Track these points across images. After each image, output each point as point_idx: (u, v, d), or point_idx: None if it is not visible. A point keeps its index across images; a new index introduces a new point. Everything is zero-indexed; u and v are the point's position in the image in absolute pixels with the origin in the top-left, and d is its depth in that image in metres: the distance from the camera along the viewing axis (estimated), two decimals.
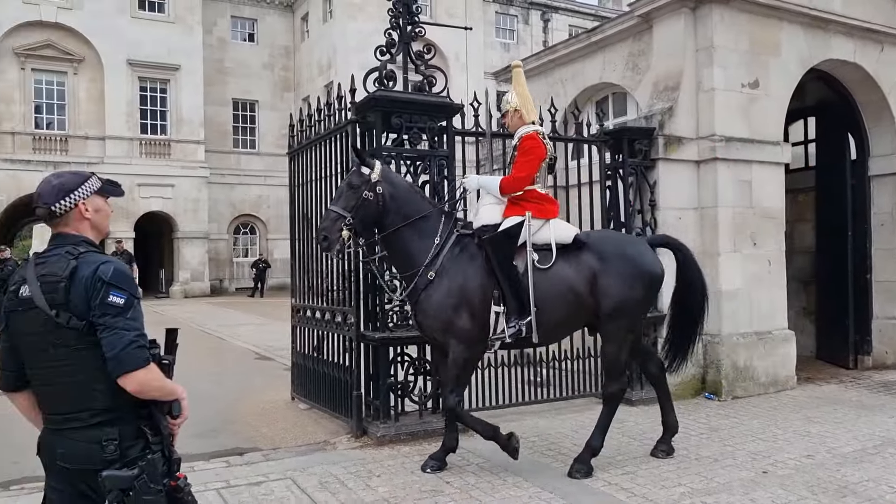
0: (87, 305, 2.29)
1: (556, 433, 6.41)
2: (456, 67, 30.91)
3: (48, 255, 2.40)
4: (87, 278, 2.30)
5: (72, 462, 2.32)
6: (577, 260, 5.30)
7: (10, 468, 5.67)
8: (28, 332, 2.35)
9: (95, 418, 2.32)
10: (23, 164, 27.27)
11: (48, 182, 2.45)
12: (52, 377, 2.34)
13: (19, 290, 2.36)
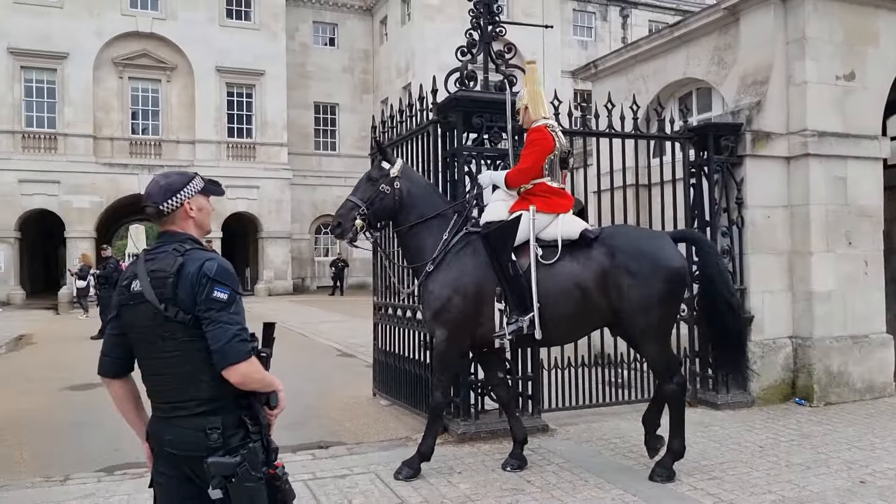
0: (193, 300, 2.39)
1: (637, 435, 6.28)
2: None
3: (157, 251, 2.52)
4: (192, 274, 2.40)
5: (179, 448, 2.43)
6: (585, 256, 5.13)
7: (113, 455, 6.03)
8: (139, 325, 2.48)
9: (200, 407, 2.42)
10: (120, 168, 28.82)
11: (156, 182, 2.57)
12: (160, 368, 2.46)
13: (131, 285, 2.49)
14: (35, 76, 28.19)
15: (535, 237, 5.12)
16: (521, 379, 6.52)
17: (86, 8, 28.39)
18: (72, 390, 9.13)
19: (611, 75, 9.87)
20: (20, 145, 27.76)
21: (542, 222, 5.19)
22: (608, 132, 7.24)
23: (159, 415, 2.52)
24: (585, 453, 5.79)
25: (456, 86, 6.51)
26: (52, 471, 5.56)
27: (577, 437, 6.25)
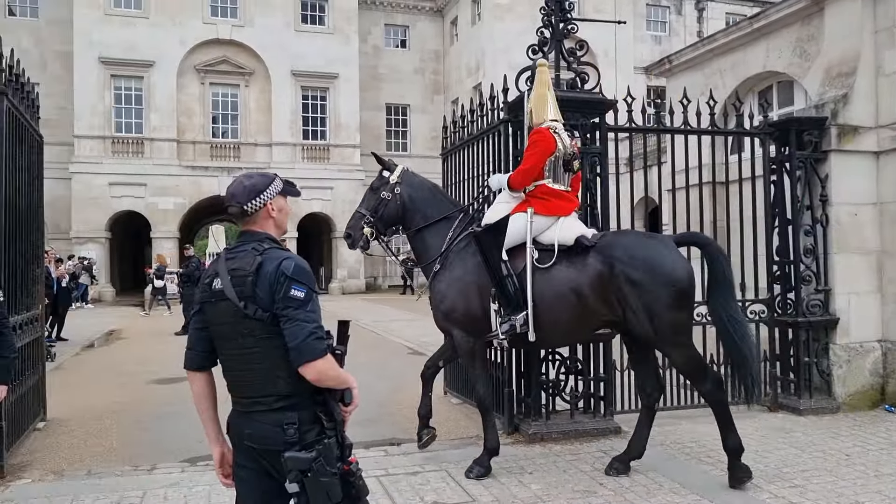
0: (271, 298, 2.44)
1: (713, 439, 6.10)
2: (605, 63, 30.19)
3: (237, 250, 2.59)
4: (271, 273, 2.46)
5: (258, 442, 2.49)
6: (582, 262, 5.09)
7: (197, 446, 6.26)
8: (220, 322, 2.55)
9: (278, 403, 2.48)
10: (202, 171, 29.95)
11: (240, 183, 2.63)
12: (240, 364, 2.53)
13: (213, 283, 2.56)
14: (123, 84, 29.60)
15: (532, 239, 5.12)
16: (592, 380, 6.45)
17: (170, 17, 29.62)
18: (158, 384, 9.55)
19: (686, 70, 9.63)
20: (110, 150, 29.21)
21: (541, 224, 5.19)
22: (683, 129, 7.07)
23: (239, 409, 2.58)
24: (660, 456, 5.68)
25: (527, 84, 6.48)
26: (140, 460, 5.84)
27: (652, 440, 6.08)
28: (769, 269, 7.20)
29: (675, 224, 7.26)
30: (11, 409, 5.69)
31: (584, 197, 6.47)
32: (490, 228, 5.28)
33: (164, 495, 4.87)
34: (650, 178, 7.34)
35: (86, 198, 28.37)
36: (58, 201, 27.77)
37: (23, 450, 6.08)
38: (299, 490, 2.38)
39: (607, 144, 6.65)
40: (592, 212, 6.51)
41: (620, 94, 6.83)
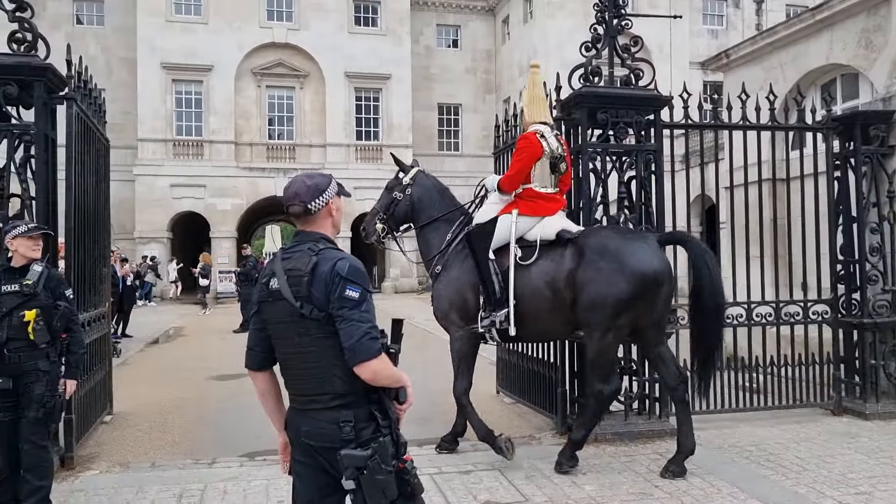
0: (326, 298, 2.47)
1: (774, 443, 5.98)
2: (659, 59, 29.66)
3: (293, 250, 2.62)
4: (326, 273, 2.49)
5: (315, 439, 2.53)
6: (560, 256, 5.29)
7: (255, 441, 6.43)
8: (277, 321, 2.58)
9: (334, 401, 2.51)
10: (259, 172, 30.60)
11: (302, 182, 2.64)
12: (297, 362, 2.57)
13: (270, 282, 2.59)
14: (184, 88, 30.47)
15: (516, 239, 5.36)
16: (647, 381, 6.36)
17: (227, 23, 30.35)
18: (217, 380, 9.80)
19: (744, 64, 9.38)
20: (171, 153, 30.11)
21: (525, 225, 5.42)
22: (741, 124, 6.91)
23: (297, 406, 2.62)
24: (717, 460, 5.56)
25: (580, 82, 6.44)
26: (201, 454, 6.01)
27: (709, 443, 6.01)
28: (832, 269, 6.97)
29: (732, 222, 7.08)
30: (80, 403, 5.93)
31: (639, 195, 6.40)
32: (480, 229, 5.51)
33: (224, 489, 5.00)
34: (707, 175, 7.19)
35: (149, 199, 29.33)
36: (123, 203, 28.75)
37: (91, 442, 6.33)
38: (355, 487, 2.42)
39: (662, 141, 6.54)
40: (647, 210, 6.42)
41: (676, 90, 6.70)
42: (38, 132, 5.43)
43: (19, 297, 4.23)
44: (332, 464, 2.50)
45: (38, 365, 4.22)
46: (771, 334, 6.97)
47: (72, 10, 30.88)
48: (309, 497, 2.62)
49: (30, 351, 4.21)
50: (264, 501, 4.75)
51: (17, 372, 4.18)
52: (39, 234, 4.45)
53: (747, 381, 6.84)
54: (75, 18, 31.00)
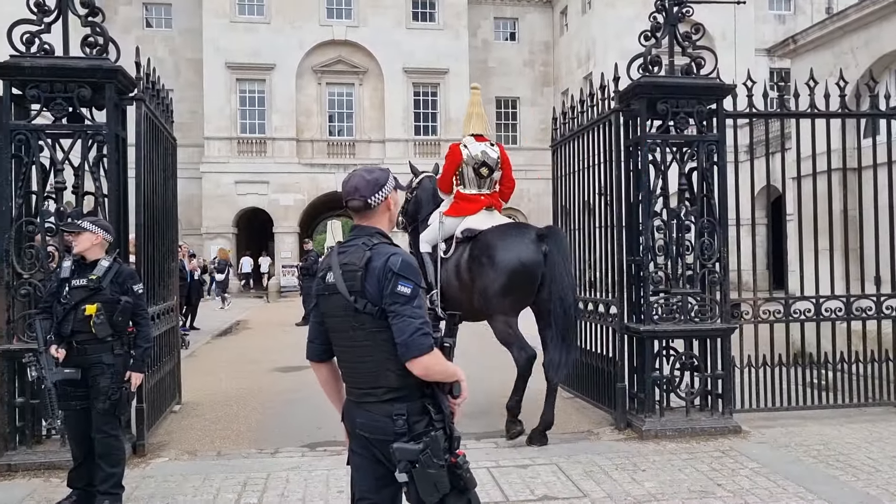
0: (380, 293, 2.50)
1: (844, 443, 5.77)
2: (722, 46, 28.82)
3: (349, 244, 2.65)
4: (379, 269, 2.51)
5: (369, 431, 2.57)
6: (462, 252, 6.32)
7: (316, 432, 6.57)
8: (333, 315, 2.63)
9: (388, 395, 2.54)
10: (319, 168, 31.12)
11: (362, 177, 2.66)
12: (352, 356, 2.61)
13: (326, 276, 2.63)
14: (248, 87, 31.18)
15: (449, 235, 6.49)
16: (709, 376, 6.22)
17: (289, 22, 30.92)
18: (280, 372, 10.04)
19: (813, 50, 9.03)
20: (236, 150, 30.89)
21: (451, 223, 6.54)
22: (809, 112, 6.67)
23: (352, 399, 2.66)
24: (783, 459, 5.41)
25: (639, 72, 6.32)
26: (265, 444, 6.18)
27: (774, 441, 5.84)
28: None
29: (800, 214, 6.83)
30: (151, 393, 6.17)
31: (701, 187, 6.26)
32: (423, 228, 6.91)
33: (287, 478, 5.13)
34: (773, 165, 6.96)
35: (214, 195, 30.20)
36: (191, 199, 29.71)
37: (161, 430, 6.58)
38: (408, 480, 2.44)
39: (724, 131, 6.36)
40: (709, 202, 6.27)
41: (740, 79, 6.51)
42: (109, 132, 5.65)
43: (86, 292, 4.41)
44: (386, 456, 2.52)
45: (101, 358, 4.38)
46: (841, 330, 6.72)
47: (141, 14, 31.95)
48: (366, 487, 2.65)
49: (94, 344, 4.37)
50: (324, 491, 4.84)
51: (84, 364, 4.37)
52: (70, 231, 4.58)
53: (815, 378, 6.61)
54: (145, 22, 32.06)
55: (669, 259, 6.25)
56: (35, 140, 5.52)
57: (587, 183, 7.22)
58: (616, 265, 6.49)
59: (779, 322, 6.64)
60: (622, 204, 6.44)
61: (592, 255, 7.20)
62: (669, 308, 6.20)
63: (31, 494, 4.82)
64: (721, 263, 6.27)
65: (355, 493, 2.69)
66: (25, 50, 5.55)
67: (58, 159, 5.59)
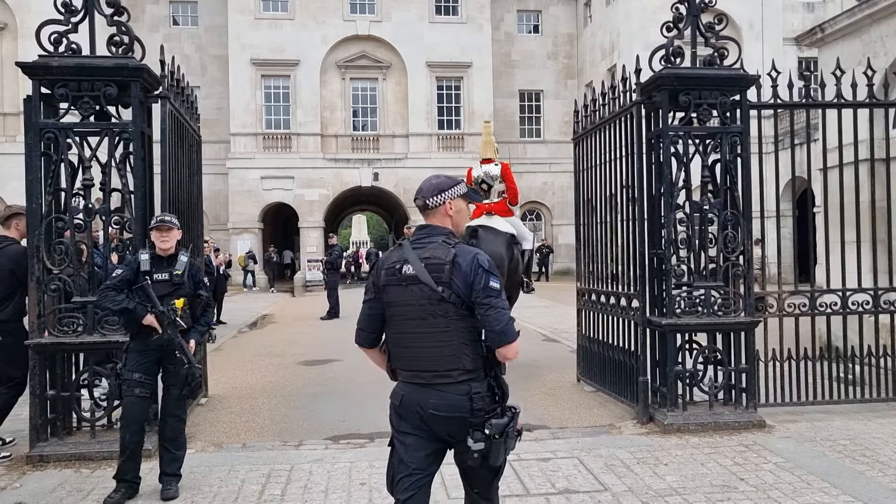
0: (467, 287, 2.77)
1: (871, 438, 5.70)
2: (750, 36, 28.40)
3: (424, 241, 2.90)
4: (467, 265, 2.79)
5: (444, 411, 2.78)
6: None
7: (339, 425, 6.64)
8: (408, 303, 2.84)
9: (463, 376, 2.79)
10: (344, 163, 31.30)
11: (429, 181, 3.01)
12: (427, 341, 2.82)
13: (402, 268, 2.85)
14: (272, 83, 31.41)
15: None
16: (733, 370, 6.17)
17: (312, 17, 31.08)
18: (304, 366, 10.14)
19: (840, 39, 8.88)
20: (261, 146, 31.17)
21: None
22: (836, 102, 6.56)
23: (419, 382, 2.85)
24: (808, 454, 5.35)
25: (661, 64, 6.27)
26: (288, 436, 6.26)
27: (799, 436, 5.79)
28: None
29: (826, 206, 6.73)
30: None
31: (724, 179, 6.20)
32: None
33: (310, 470, 5.19)
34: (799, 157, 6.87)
35: (240, 191, 30.52)
36: (217, 195, 30.09)
37: (188, 423, 6.66)
38: (483, 448, 2.72)
39: (748, 123, 6.29)
40: (732, 195, 6.21)
41: (768, 69, 6.42)
42: (135, 130, 5.74)
43: (169, 286, 4.64)
44: (452, 432, 2.80)
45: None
46: (869, 323, 6.62)
47: (168, 13, 32.31)
48: (417, 464, 2.86)
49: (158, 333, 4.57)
50: (347, 483, 4.90)
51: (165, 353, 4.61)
52: (167, 227, 4.74)
53: (842, 372, 6.53)
54: (171, 20, 32.43)
55: (692, 252, 6.20)
56: (63, 138, 5.63)
57: (609, 176, 7.19)
58: (638, 258, 6.46)
59: (804, 315, 6.56)
60: (644, 197, 6.40)
61: (614, 249, 7.17)
62: (692, 301, 6.15)
63: (62, 484, 4.93)
64: (745, 256, 6.21)
65: (400, 471, 2.88)
66: (53, 50, 5.66)
67: (85, 157, 5.70)
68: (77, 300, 5.60)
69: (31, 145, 5.61)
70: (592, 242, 7.81)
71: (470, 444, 2.73)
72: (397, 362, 2.93)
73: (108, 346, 5.61)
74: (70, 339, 5.55)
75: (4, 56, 25.67)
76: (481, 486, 2.92)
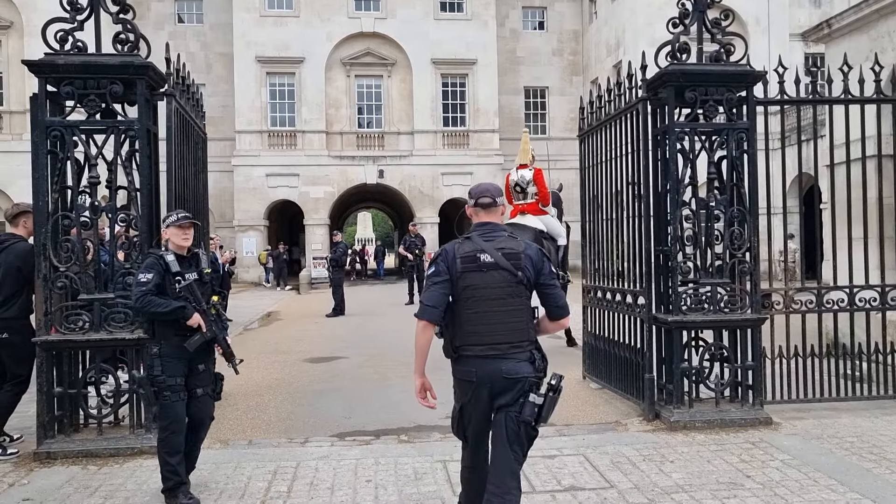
0: (535, 271, 3.44)
1: (878, 435, 5.68)
2: (756, 32, 28.29)
3: (492, 234, 3.51)
4: (535, 255, 3.48)
5: (514, 374, 3.37)
6: None
7: (344, 422, 6.65)
8: (487, 286, 3.41)
9: (529, 346, 3.45)
10: (349, 160, 31.29)
11: (490, 183, 3.73)
12: (503, 318, 3.40)
13: (479, 257, 3.43)
14: (277, 80, 31.41)
15: None
16: (739, 367, 6.15)
17: (317, 14, 31.06)
18: (310, 363, 10.16)
19: (848, 34, 8.83)
20: (267, 143, 31.18)
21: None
22: (843, 98, 6.53)
23: (492, 354, 3.39)
24: (815, 451, 5.33)
25: (667, 60, 6.25)
26: (294, 433, 6.27)
27: (806, 433, 5.77)
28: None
29: (833, 202, 6.70)
30: None
31: (730, 175, 6.18)
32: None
33: (316, 467, 5.20)
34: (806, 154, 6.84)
35: (246, 188, 30.55)
36: (223, 193, 30.14)
37: None
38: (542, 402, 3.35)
39: (755, 119, 6.27)
40: (738, 191, 6.19)
41: (775, 65, 6.39)
42: (140, 127, 5.76)
43: (200, 285, 4.65)
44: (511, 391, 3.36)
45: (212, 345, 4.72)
46: (876, 320, 6.59)
47: (173, 10, 32.34)
48: (478, 427, 3.51)
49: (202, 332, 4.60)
50: (353, 480, 4.91)
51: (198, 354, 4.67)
52: (189, 224, 4.71)
53: (849, 369, 6.50)
54: (177, 17, 32.45)
55: (698, 249, 6.19)
56: (69, 136, 5.64)
57: (615, 173, 7.17)
58: (644, 255, 6.44)
59: (811, 312, 6.54)
60: (650, 193, 6.38)
61: (620, 246, 7.16)
62: (698, 298, 6.14)
63: (69, 481, 4.96)
64: (751, 253, 6.19)
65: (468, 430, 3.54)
66: (59, 48, 5.68)
67: (91, 154, 5.71)
68: (83, 297, 5.62)
69: (37, 143, 5.62)
70: (598, 239, 7.80)
71: (532, 398, 3.35)
72: (470, 338, 3.42)
73: (115, 344, 5.64)
74: (77, 336, 5.57)
75: (11, 54, 25.74)
76: (522, 447, 3.43)
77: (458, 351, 3.47)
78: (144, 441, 5.53)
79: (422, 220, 30.03)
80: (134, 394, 5.67)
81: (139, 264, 5.19)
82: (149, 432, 5.59)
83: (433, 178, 31.54)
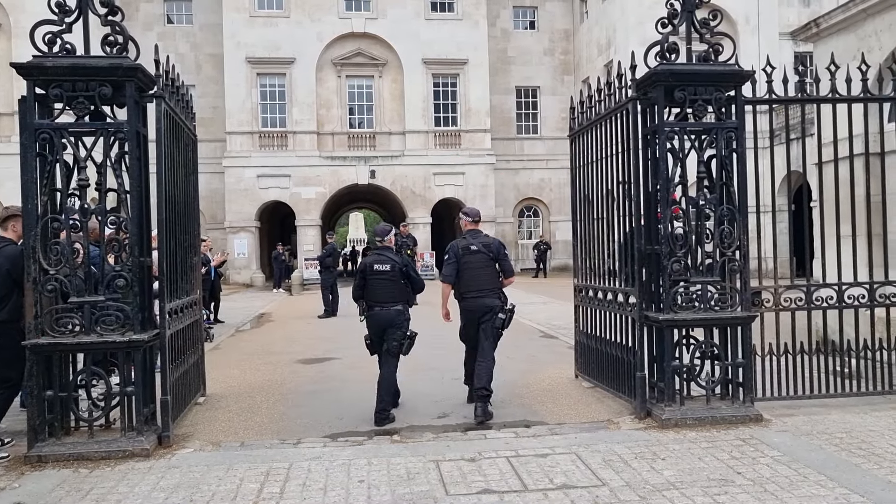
0: (497, 253, 6.81)
1: (867, 431, 5.72)
2: (746, 31, 28.45)
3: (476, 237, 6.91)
4: (495, 245, 6.88)
5: (490, 305, 6.73)
6: None
7: (337, 423, 6.65)
8: (475, 262, 6.75)
9: (495, 291, 6.81)
10: (340, 161, 31.24)
11: (477, 209, 7.23)
12: (480, 277, 6.76)
13: (471, 247, 6.79)
14: (268, 81, 31.33)
15: None
16: (730, 365, 6.19)
17: (308, 15, 31.01)
18: (302, 364, 10.15)
19: (836, 34, 8.89)
20: (258, 144, 31.10)
21: None
22: (831, 97, 6.58)
23: (479, 295, 6.75)
24: (805, 447, 5.37)
25: (656, 60, 6.28)
26: (287, 434, 6.26)
27: (796, 430, 5.81)
28: None
29: (822, 200, 6.75)
30: (176, 385, 6.28)
31: (720, 174, 6.22)
32: None
33: (308, 467, 5.20)
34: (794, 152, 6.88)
35: (237, 190, 30.46)
36: (214, 194, 30.08)
37: (186, 422, 6.70)
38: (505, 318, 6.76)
39: (744, 118, 6.31)
40: (728, 190, 6.22)
41: (764, 64, 6.43)
42: (130, 129, 5.73)
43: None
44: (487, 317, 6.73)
45: None
46: (865, 317, 6.64)
47: (163, 11, 32.23)
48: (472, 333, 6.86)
49: None
50: (346, 480, 4.91)
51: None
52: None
53: (838, 366, 6.55)
54: (166, 18, 32.34)
55: (688, 248, 6.22)
56: (58, 138, 5.62)
57: (605, 172, 7.20)
58: (635, 254, 6.47)
59: (800, 310, 6.59)
60: (640, 193, 6.41)
61: (611, 245, 7.19)
62: (689, 297, 6.17)
63: (60, 484, 4.94)
64: (741, 251, 6.23)
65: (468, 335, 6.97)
66: (48, 50, 5.65)
67: (81, 157, 5.68)
68: (74, 300, 5.60)
69: (26, 146, 5.60)
70: (589, 238, 7.82)
71: (500, 316, 6.68)
72: (465, 288, 6.74)
73: (106, 347, 5.61)
74: (67, 339, 5.55)
75: None
76: (494, 340, 6.78)
77: (462, 295, 6.78)
78: (136, 443, 5.52)
79: (414, 221, 30.03)
80: (125, 396, 5.65)
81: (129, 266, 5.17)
82: (140, 434, 5.58)
83: (425, 178, 31.55)
